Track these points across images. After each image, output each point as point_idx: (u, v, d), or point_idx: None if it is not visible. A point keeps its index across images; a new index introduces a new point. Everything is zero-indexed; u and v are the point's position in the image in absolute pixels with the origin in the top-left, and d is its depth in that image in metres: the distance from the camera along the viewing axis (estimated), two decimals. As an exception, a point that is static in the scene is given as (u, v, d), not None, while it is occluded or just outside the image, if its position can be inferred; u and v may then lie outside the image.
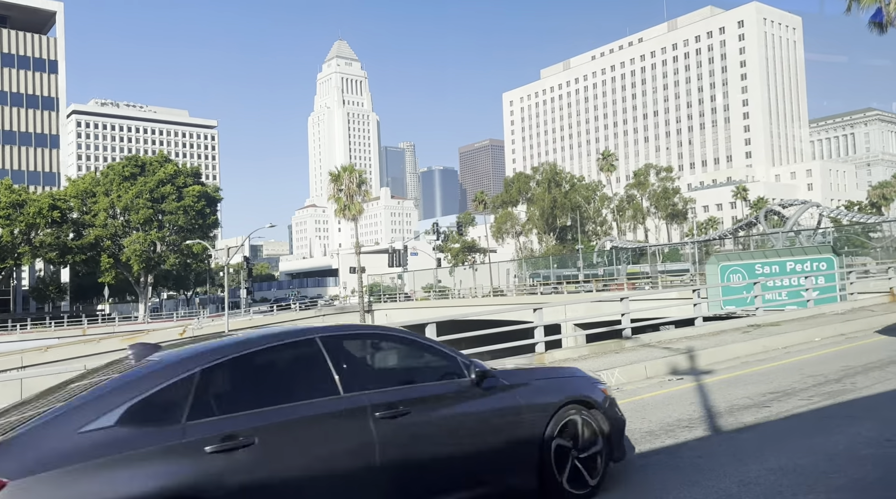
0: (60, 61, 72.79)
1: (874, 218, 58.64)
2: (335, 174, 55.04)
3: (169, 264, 62.57)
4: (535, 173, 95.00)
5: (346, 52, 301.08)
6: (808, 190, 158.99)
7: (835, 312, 17.51)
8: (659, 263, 65.38)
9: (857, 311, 17.78)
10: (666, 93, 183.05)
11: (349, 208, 54.57)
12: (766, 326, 15.40)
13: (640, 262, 67.41)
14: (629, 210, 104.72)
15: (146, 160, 63.02)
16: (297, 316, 53.79)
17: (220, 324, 50.67)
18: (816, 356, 11.70)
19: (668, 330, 15.27)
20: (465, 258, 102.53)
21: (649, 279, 54.94)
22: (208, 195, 65.96)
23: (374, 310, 58.38)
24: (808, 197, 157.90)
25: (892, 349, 11.78)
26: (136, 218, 60.04)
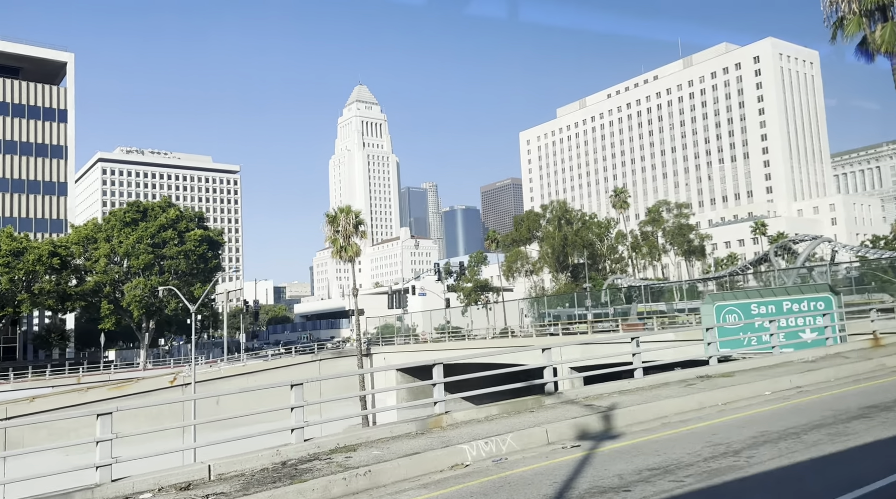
0: (70, 111, 74.01)
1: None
2: (332, 216, 54.46)
3: (170, 310, 62.18)
4: (544, 211, 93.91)
5: (366, 96, 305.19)
6: (832, 225, 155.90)
7: (804, 360, 16.11)
8: (676, 301, 63.48)
9: (831, 357, 16.35)
10: (683, 129, 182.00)
11: (346, 250, 53.81)
12: (718, 377, 14.09)
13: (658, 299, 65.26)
14: (644, 247, 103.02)
15: (148, 205, 63.22)
16: (293, 361, 52.79)
17: (213, 371, 49.91)
18: (744, 417, 10.43)
19: (601, 384, 14.00)
20: (478, 298, 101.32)
21: (663, 318, 53.01)
22: (211, 239, 65.80)
23: (372, 353, 57.24)
24: (831, 232, 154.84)
25: (836, 408, 10.46)
26: (136, 263, 59.93)
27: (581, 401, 11.94)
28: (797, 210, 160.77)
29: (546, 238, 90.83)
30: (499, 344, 54.76)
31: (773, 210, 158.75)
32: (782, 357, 16.15)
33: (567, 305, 76.15)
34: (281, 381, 11.34)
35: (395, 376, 54.19)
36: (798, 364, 15.52)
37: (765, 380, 13.21)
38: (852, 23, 26.55)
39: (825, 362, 15.45)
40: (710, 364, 16.31)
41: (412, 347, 55.71)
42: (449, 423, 10.53)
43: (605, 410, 10.81)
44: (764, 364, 15.56)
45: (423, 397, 55.30)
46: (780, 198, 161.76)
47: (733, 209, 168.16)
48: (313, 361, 53.66)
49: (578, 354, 42.53)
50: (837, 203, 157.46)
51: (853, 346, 18.01)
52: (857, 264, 55.92)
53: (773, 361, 15.78)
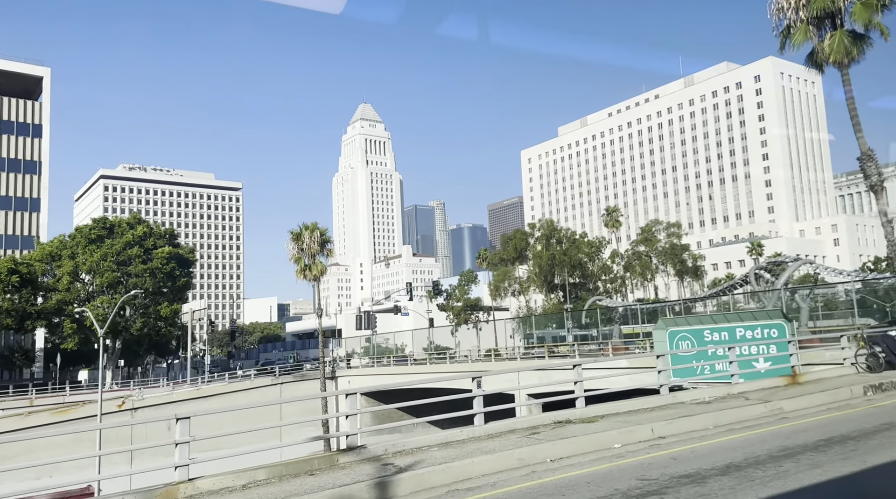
0: (45, 126, 73.09)
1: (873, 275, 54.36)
2: (296, 233, 52.90)
3: (135, 329, 60.61)
4: (532, 230, 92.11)
5: (369, 114, 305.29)
6: (835, 245, 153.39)
7: (698, 401, 14.25)
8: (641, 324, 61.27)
9: (732, 398, 14.50)
10: (684, 148, 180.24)
11: (310, 269, 52.15)
12: (578, 422, 12.28)
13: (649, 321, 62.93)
14: (637, 267, 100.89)
15: (115, 222, 61.92)
16: (251, 385, 51.03)
17: (165, 395, 48.22)
18: (558, 481, 8.66)
19: (424, 436, 12.21)
20: (467, 317, 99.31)
21: (648, 340, 50.82)
22: (181, 257, 64.38)
23: (338, 376, 55.44)
24: (833, 253, 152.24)
25: (667, 470, 8.65)
26: (100, 281, 58.54)
27: (384, 457, 10.15)
28: (799, 230, 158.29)
29: (534, 257, 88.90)
30: (476, 368, 52.73)
31: (774, 230, 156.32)
32: (671, 397, 14.28)
33: (554, 325, 74.14)
34: (165, 416, 10.36)
35: (360, 399, 52.38)
36: (689, 405, 13.68)
37: (625, 427, 11.40)
38: (800, 31, 24.90)
39: (718, 404, 13.61)
40: (659, 393, 14.50)
41: (378, 370, 53.87)
42: (188, 495, 8.65)
43: (394, 472, 9.04)
44: (646, 406, 13.71)
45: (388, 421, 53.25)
46: (782, 218, 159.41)
47: (734, 229, 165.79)
48: (273, 385, 51.96)
49: (536, 380, 40.58)
50: (840, 224, 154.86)
51: (766, 383, 16.12)
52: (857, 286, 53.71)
53: (658, 402, 13.92)
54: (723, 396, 14.63)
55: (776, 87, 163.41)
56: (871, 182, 23.68)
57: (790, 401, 13.44)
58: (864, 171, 23.87)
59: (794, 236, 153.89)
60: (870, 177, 23.63)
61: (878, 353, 17.70)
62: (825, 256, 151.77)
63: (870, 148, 23.95)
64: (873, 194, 23.90)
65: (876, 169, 23.49)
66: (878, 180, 23.43)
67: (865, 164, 23.72)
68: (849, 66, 24.18)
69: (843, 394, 14.35)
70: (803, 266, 54.49)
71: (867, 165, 23.63)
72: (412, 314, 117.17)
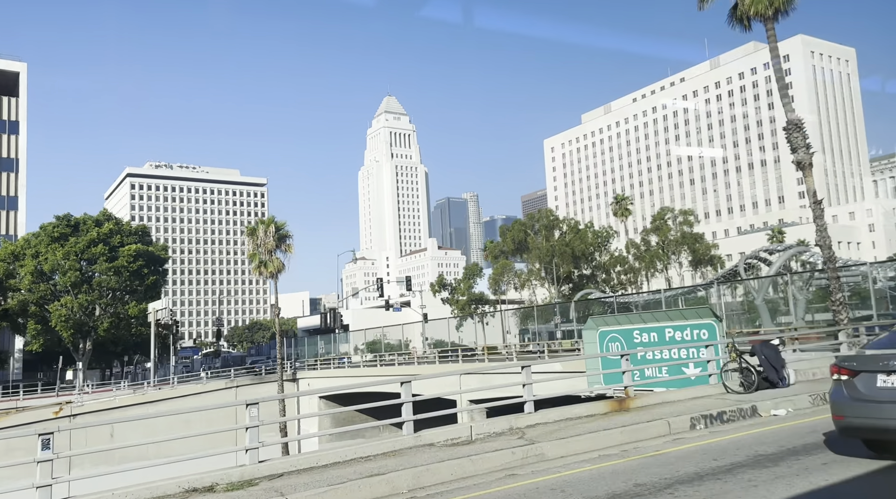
0: (22, 122, 71.88)
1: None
2: (251, 228, 50.38)
3: (102, 330, 58.88)
4: (530, 220, 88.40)
5: (394, 107, 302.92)
6: (870, 231, 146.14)
7: (453, 441, 10.93)
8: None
9: (506, 435, 11.13)
10: (710, 133, 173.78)
11: (266, 265, 49.50)
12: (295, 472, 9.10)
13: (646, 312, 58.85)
14: (647, 257, 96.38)
15: (81, 219, 60.17)
16: (204, 388, 48.72)
17: (108, 400, 46.14)
18: None
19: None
20: (472, 311, 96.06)
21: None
22: (151, 255, 62.43)
23: (298, 378, 52.87)
24: (868, 239, 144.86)
25: None
26: (63, 280, 56.89)
27: None
28: (832, 216, 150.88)
29: (532, 249, 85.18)
30: (455, 368, 49.44)
31: (805, 217, 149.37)
32: (412, 439, 10.96)
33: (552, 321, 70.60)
34: None
35: (319, 402, 49.83)
36: (433, 451, 10.40)
37: (373, 478, 8.21)
38: (717, -19, 21.08)
39: (473, 448, 10.29)
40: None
41: (336, 372, 51.14)
42: None
43: None
44: (373, 451, 10.43)
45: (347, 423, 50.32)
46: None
47: (763, 216, 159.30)
48: (228, 388, 49.54)
49: (476, 384, 37.34)
50: (875, 209, 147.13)
51: (581, 410, 12.69)
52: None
53: (403, 445, 10.63)
54: (500, 431, 11.27)
55: (806, 66, 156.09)
56: (798, 156, 19.86)
57: (568, 442, 10.07)
58: (790, 142, 20.04)
59: (827, 222, 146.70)
60: (797, 150, 19.80)
61: (751, 367, 14.09)
62: (860, 243, 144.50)
63: (799, 117, 20.11)
64: (800, 171, 20.08)
65: (803, 141, 19.64)
66: (805, 155, 19.59)
67: (792, 135, 19.91)
68: (775, 19, 20.35)
69: (658, 429, 10.90)
70: (802, 254, 49.93)
71: (794, 135, 19.81)
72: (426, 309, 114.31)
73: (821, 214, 19.69)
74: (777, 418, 11.82)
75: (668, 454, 9.27)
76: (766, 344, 14.58)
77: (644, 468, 8.51)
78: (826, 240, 19.60)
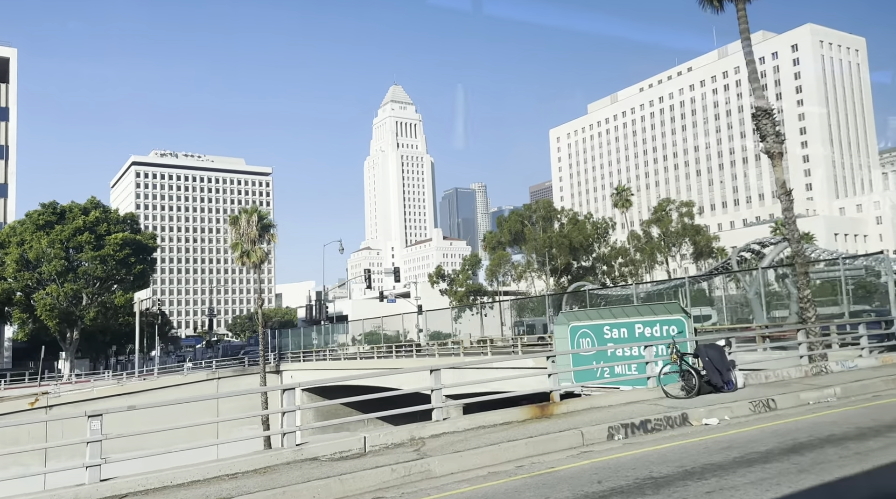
0: (12, 108, 71.20)
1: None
2: (234, 217, 49.61)
3: (88, 319, 58.33)
4: (527, 211, 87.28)
5: (400, 96, 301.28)
6: (877, 224, 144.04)
7: (309, 458, 10.02)
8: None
9: (404, 446, 10.21)
10: (717, 123, 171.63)
11: (249, 255, 48.76)
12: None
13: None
14: (647, 249, 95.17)
15: (67, 207, 59.49)
16: (185, 380, 48.07)
17: (87, 391, 45.56)
18: None
19: None
20: (471, 303, 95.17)
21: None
22: (139, 243, 61.73)
23: (282, 370, 52.17)
24: (875, 232, 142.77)
25: None
26: (48, 269, 56.31)
27: None
28: (839, 208, 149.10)
29: (528, 240, 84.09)
30: (441, 362, 48.52)
31: (812, 209, 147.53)
32: (292, 453, 10.05)
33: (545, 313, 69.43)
34: None
35: (302, 395, 49.11)
36: (311, 467, 9.49)
37: None
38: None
39: (343, 465, 9.38)
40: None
41: (319, 364, 50.37)
42: None
43: None
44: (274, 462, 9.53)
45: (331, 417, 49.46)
46: (820, 196, 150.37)
47: (770, 208, 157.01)
48: (210, 380, 48.89)
49: (452, 379, 36.47)
50: (883, 201, 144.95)
51: (496, 417, 11.75)
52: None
53: (253, 465, 9.72)
54: (399, 442, 10.32)
55: (814, 56, 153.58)
56: (767, 145, 18.74)
57: (463, 456, 9.12)
58: (759, 130, 18.93)
59: (833, 215, 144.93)
60: (766, 138, 18.69)
61: (692, 370, 13.09)
62: (866, 236, 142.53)
63: (770, 104, 18.98)
64: (769, 159, 18.98)
65: (773, 128, 18.52)
66: (775, 142, 18.47)
67: (761, 122, 18.79)
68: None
69: (569, 440, 9.94)
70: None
71: (762, 122, 18.70)
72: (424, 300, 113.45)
73: (790, 206, 18.59)
74: (707, 427, 10.83)
75: (558, 473, 8.31)
76: (710, 345, 13.57)
77: (521, 491, 7.57)
78: (794, 233, 18.51)
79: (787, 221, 18.45)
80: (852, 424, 9.78)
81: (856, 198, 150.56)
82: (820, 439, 8.77)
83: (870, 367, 16.03)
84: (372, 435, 10.10)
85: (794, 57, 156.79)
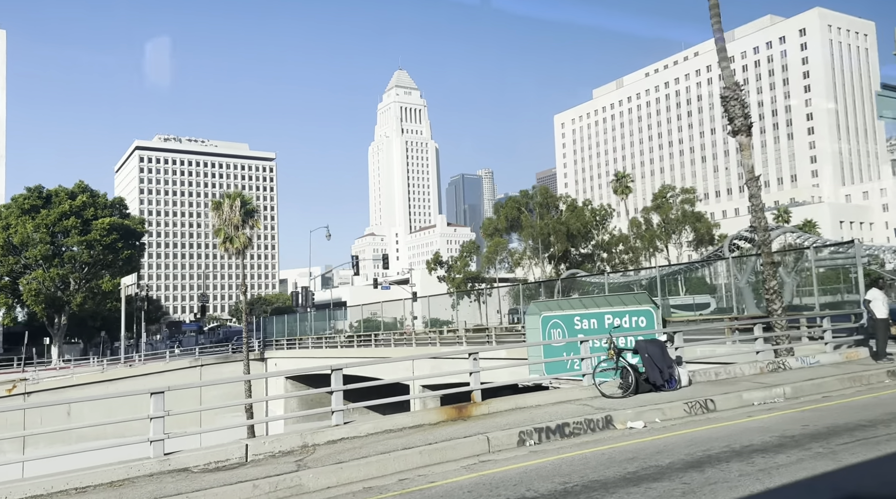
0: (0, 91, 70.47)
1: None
2: (216, 202, 48.80)
3: (76, 305, 57.81)
4: (524, 197, 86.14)
5: (405, 81, 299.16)
6: (883, 211, 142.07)
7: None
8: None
9: (275, 458, 9.37)
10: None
11: (232, 241, 47.98)
12: None
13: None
14: (646, 236, 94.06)
15: (53, 191, 58.80)
16: (166, 367, 47.49)
17: (66, 377, 45.05)
18: None
19: None
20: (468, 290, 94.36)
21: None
22: (127, 228, 61.07)
23: (267, 358, 51.56)
24: (882, 219, 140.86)
25: None
26: (33, 254, 55.74)
27: None
28: (845, 195, 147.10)
29: (525, 228, 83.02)
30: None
31: (818, 196, 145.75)
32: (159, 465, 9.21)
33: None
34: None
35: (285, 383, 48.52)
36: (178, 481, 8.67)
37: None
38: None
39: (215, 478, 8.56)
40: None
41: (301, 352, 49.73)
42: None
43: None
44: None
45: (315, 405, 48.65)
46: (826, 182, 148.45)
47: (775, 195, 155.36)
48: (192, 367, 48.31)
49: (428, 370, 35.73)
50: (890, 188, 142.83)
51: (408, 419, 10.89)
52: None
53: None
54: (288, 449, 9.46)
55: (823, 40, 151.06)
56: (734, 126, 17.73)
57: (343, 468, 8.25)
58: (727, 112, 17.89)
59: (839, 202, 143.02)
60: (733, 120, 17.67)
61: (629, 367, 12.19)
62: (872, 224, 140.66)
63: (737, 82, 17.93)
64: (737, 143, 17.95)
65: (741, 110, 17.50)
66: (743, 124, 17.45)
67: (729, 103, 17.75)
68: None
69: (473, 447, 9.08)
70: (789, 235, 47.49)
71: (731, 104, 17.65)
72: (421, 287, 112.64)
73: (757, 193, 17.57)
74: (631, 431, 9.94)
75: (433, 490, 7.41)
76: (651, 341, 12.67)
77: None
78: (762, 221, 17.52)
79: (755, 208, 17.46)
80: (779, 431, 8.87)
81: (862, 185, 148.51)
82: (733, 451, 7.86)
83: (832, 363, 15.09)
84: (257, 442, 9.23)
85: (802, 41, 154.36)
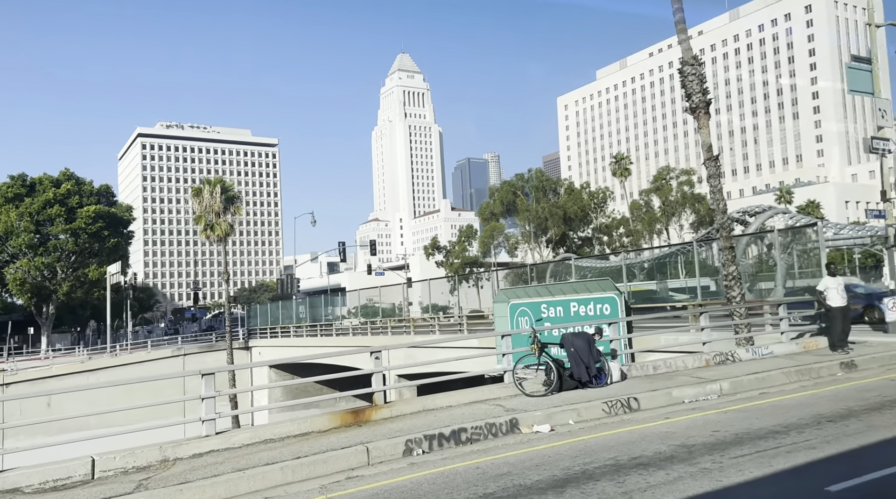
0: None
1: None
2: (196, 189, 47.97)
3: (62, 293, 57.33)
4: (518, 180, 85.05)
5: (408, 64, 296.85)
6: (891, 190, 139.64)
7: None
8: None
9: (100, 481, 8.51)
10: (728, 89, 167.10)
11: (213, 228, 47.19)
12: None
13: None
14: (645, 218, 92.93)
15: (38, 179, 58.15)
16: (148, 357, 46.94)
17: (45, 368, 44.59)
18: None
19: None
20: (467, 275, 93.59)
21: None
22: (113, 216, 60.46)
23: (251, 346, 50.94)
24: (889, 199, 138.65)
25: None
26: (17, 242, 55.21)
27: None
28: (851, 175, 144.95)
29: (521, 211, 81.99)
30: (407, 341, 46.69)
31: (823, 175, 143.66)
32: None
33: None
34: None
35: (269, 372, 47.88)
36: None
37: None
38: None
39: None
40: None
41: (284, 340, 49.06)
42: None
43: None
44: None
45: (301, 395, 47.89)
46: (832, 162, 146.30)
47: (780, 175, 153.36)
48: (175, 356, 47.75)
49: (403, 359, 34.92)
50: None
51: (294, 427, 10.03)
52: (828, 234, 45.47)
53: None
54: (143, 464, 8.59)
55: (829, 16, 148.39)
56: (692, 103, 16.66)
57: (183, 491, 7.38)
58: (684, 87, 16.82)
59: (845, 182, 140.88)
60: (691, 96, 16.60)
61: (551, 363, 11.27)
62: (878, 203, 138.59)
63: (696, 56, 16.86)
64: (694, 120, 16.91)
65: (700, 85, 16.42)
66: (701, 101, 16.39)
67: (687, 77, 16.68)
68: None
69: (350, 459, 8.20)
70: (780, 216, 46.42)
71: (689, 78, 16.59)
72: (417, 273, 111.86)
73: (716, 173, 16.53)
74: (536, 436, 9.04)
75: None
76: (578, 334, 11.75)
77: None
78: (720, 204, 16.49)
79: (714, 189, 16.43)
80: (682, 439, 7.94)
81: (868, 164, 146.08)
82: (615, 466, 6.95)
83: (786, 354, 14.12)
84: (107, 457, 8.33)
85: (808, 18, 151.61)
